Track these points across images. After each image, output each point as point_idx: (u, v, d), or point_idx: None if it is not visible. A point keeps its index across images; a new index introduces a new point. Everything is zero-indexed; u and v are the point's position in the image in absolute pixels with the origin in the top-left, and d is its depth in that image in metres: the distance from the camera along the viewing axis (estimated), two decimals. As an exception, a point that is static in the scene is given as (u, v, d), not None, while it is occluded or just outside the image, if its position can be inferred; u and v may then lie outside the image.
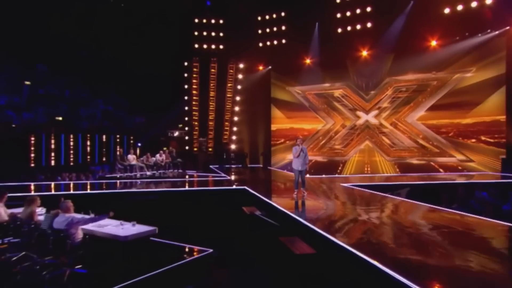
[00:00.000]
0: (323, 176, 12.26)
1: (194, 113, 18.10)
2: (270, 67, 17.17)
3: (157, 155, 13.33)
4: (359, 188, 9.10)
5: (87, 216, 4.68)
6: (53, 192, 8.53)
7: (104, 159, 16.76)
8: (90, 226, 4.66)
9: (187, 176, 12.33)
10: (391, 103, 14.36)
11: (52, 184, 10.28)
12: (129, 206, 7.12)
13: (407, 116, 14.07)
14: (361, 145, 15.03)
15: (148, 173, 12.56)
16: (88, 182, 11.13)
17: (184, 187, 9.94)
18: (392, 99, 14.31)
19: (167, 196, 8.47)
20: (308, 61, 15.88)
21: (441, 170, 13.13)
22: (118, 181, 10.79)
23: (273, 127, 17.17)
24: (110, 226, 4.80)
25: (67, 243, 4.23)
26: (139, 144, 17.71)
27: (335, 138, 15.59)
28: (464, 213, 6.12)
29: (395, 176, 12.34)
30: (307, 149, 8.08)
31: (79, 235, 4.48)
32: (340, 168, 15.10)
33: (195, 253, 5.23)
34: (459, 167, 12.83)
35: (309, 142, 16.04)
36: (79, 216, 4.66)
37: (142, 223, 4.95)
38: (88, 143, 16.43)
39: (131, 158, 12.43)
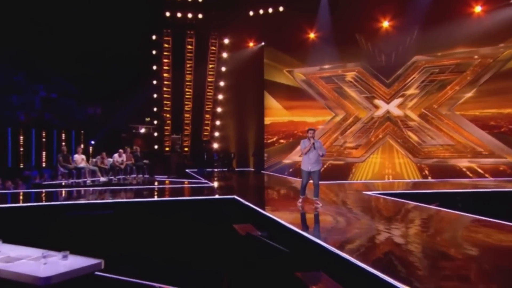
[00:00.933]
0: (332, 182, 12.25)
1: (165, 102, 17.93)
2: (263, 43, 17.18)
3: (115, 156, 13.10)
4: (390, 198, 8.79)
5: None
6: None
7: (44, 161, 16.33)
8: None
9: (155, 183, 12.36)
10: (419, 88, 14.12)
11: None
12: (68, 226, 6.56)
13: (441, 106, 13.82)
14: (380, 143, 14.81)
15: (103, 178, 12.43)
16: (9, 192, 10.47)
17: (151, 197, 9.74)
18: (421, 83, 14.08)
19: (126, 209, 7.99)
20: (312, 35, 15.76)
21: (487, 175, 12.83)
22: (57, 190, 10.53)
23: (267, 120, 17.09)
24: (24, 261, 3.85)
25: None
26: (93, 142, 17.54)
27: (346, 135, 15.41)
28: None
29: (428, 183, 12.34)
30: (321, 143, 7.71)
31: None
32: (352, 172, 14.96)
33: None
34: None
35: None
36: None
37: (85, 251, 4.25)
38: (22, 140, 16.06)
39: (79, 159, 12.03)
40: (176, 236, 6.69)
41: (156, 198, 9.49)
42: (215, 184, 11.99)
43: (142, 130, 18.52)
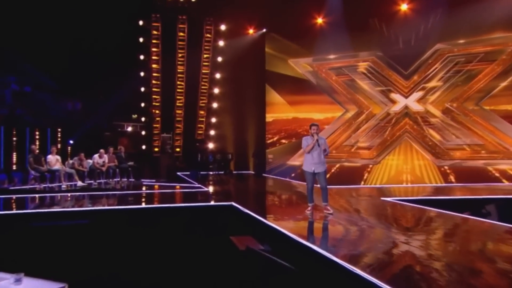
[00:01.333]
0: (342, 186, 12.31)
1: (154, 97, 17.87)
2: (264, 29, 17.36)
3: (95, 157, 13.15)
4: (412, 205, 8.72)
5: None
6: None
7: (14, 163, 16.12)
8: None
9: (143, 188, 12.37)
10: (443, 81, 14.13)
11: None
12: (33, 239, 6.33)
13: (467, 100, 13.78)
14: (397, 142, 14.80)
15: (80, 183, 12.37)
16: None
17: (136, 204, 9.49)
18: (445, 74, 14.10)
19: (104, 218, 7.84)
20: (320, 20, 15.90)
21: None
22: (25, 196, 10.36)
23: (269, 117, 17.27)
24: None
25: None
26: (71, 142, 17.40)
27: (359, 133, 15.44)
28: None
29: (452, 188, 12.39)
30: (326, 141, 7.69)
31: None
32: (366, 175, 14.97)
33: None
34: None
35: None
36: None
37: (48, 272, 3.79)
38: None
39: (53, 160, 12.01)
40: (163, 251, 6.40)
41: (139, 206, 9.27)
42: (210, 189, 12.08)
43: (129, 129, 18.49)
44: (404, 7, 14.28)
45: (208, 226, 7.68)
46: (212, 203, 9.39)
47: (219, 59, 18.16)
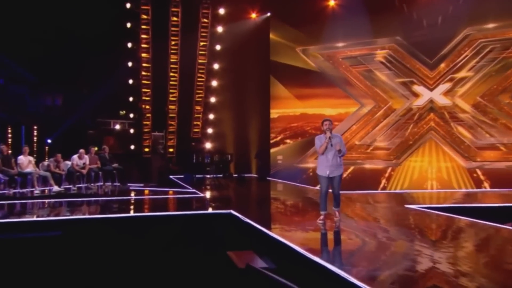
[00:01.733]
0: (358, 192, 12.33)
1: (144, 90, 17.84)
2: (269, 13, 17.30)
3: (74, 158, 13.03)
4: (443, 214, 8.55)
5: None
6: None
7: None
8: None
9: (132, 194, 12.37)
10: (474, 70, 14.07)
11: None
12: None
13: (503, 92, 13.71)
14: (420, 141, 14.77)
15: (57, 187, 12.26)
16: None
17: (119, 212, 9.26)
18: (477, 63, 14.04)
19: (80, 230, 7.75)
20: (332, 2, 15.94)
21: None
22: None
23: (274, 113, 17.26)
24: None
25: None
26: (49, 141, 17.44)
27: (375, 132, 15.44)
28: None
29: (486, 194, 12.52)
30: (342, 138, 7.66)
31: None
32: (384, 180, 14.99)
33: None
34: None
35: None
36: None
37: None
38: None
39: (25, 161, 11.98)
40: (149, 269, 6.38)
41: (122, 214, 9.07)
42: (207, 194, 12.20)
43: (117, 127, 18.63)
44: (429, -16, 14.44)
45: (202, 238, 7.66)
46: (208, 211, 9.43)
47: (218, 47, 18.11)
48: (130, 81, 17.78)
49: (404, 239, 6.62)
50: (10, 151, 12.95)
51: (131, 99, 17.98)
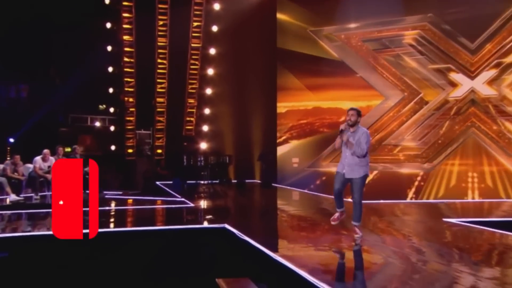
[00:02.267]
0: (382, 201, 12.38)
1: (126, 80, 18.12)
2: None
3: (37, 160, 12.87)
4: (495, 230, 8.30)
5: None
6: None
7: None
8: None
9: (107, 204, 12.15)
10: None
11: None
12: None
13: None
14: (459, 140, 14.71)
15: (14, 196, 12.27)
16: None
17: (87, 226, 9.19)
18: None
19: (34, 251, 7.61)
20: None
21: None
22: None
23: (281, 107, 17.37)
24: None
25: None
26: (12, 140, 17.65)
27: (403, 129, 15.47)
28: None
29: None
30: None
31: None
32: (415, 187, 14.98)
33: None
34: None
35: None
36: None
37: None
38: None
39: None
40: None
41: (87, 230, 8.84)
42: (198, 204, 12.27)
43: (97, 124, 18.90)
44: None
45: (187, 260, 7.50)
46: (196, 225, 9.45)
47: (214, 28, 18.33)
48: (110, 69, 18.09)
49: (444, 263, 6.33)
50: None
51: (111, 90, 18.28)
